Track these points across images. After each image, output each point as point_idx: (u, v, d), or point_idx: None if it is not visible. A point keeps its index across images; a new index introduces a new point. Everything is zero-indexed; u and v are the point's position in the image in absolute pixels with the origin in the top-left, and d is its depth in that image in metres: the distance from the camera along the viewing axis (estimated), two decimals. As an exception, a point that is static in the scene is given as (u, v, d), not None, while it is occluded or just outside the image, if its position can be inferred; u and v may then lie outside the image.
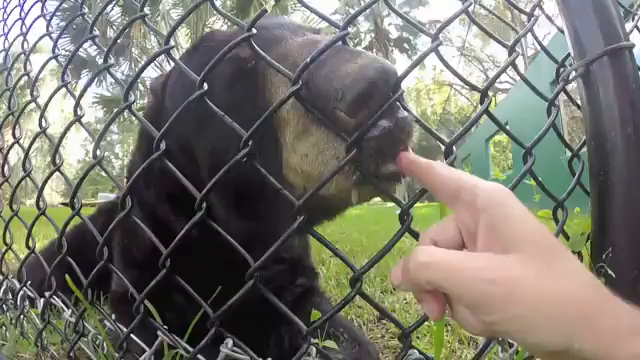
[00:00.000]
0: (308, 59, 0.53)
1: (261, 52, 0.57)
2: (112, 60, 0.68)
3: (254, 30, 0.56)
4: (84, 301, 0.79)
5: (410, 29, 24.26)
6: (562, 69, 0.83)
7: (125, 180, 1.14)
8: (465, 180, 0.45)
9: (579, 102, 0.81)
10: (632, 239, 0.66)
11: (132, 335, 0.76)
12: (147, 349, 0.75)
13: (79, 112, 0.79)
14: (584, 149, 0.80)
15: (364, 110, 0.53)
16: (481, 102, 0.65)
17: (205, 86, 0.57)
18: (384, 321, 1.58)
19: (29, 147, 0.98)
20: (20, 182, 1.04)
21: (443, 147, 0.62)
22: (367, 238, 3.88)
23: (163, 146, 0.59)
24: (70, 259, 0.87)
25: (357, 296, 0.57)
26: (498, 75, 0.71)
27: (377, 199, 0.66)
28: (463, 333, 1.23)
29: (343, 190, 0.59)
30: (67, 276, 0.88)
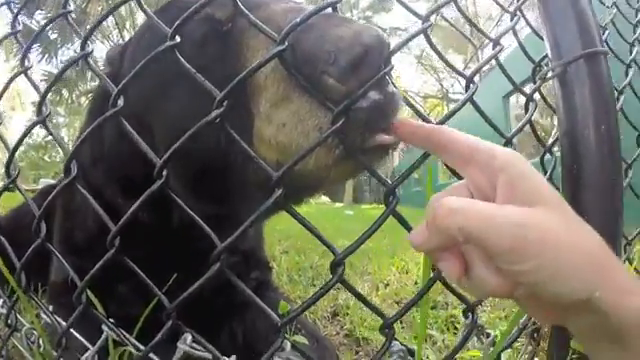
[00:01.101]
0: (298, 19, 0.47)
1: (244, 9, 0.50)
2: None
3: (237, -16, 0.50)
4: (17, 289, 0.69)
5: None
6: (538, 68, 0.85)
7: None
8: (480, 142, 0.45)
9: (547, 100, 0.86)
10: (604, 225, 0.69)
11: (72, 330, 0.67)
12: (90, 347, 0.67)
13: (26, 63, 0.68)
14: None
15: (355, 78, 0.48)
16: (466, 90, 0.64)
17: (177, 38, 0.50)
18: (339, 318, 1.58)
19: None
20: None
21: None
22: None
23: (121, 102, 0.52)
24: (3, 239, 0.77)
25: (311, 293, 0.53)
26: (483, 64, 0.70)
27: (325, 198, 0.62)
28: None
29: (323, 166, 0.54)
30: None
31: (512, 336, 0.73)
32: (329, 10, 0.53)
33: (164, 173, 0.48)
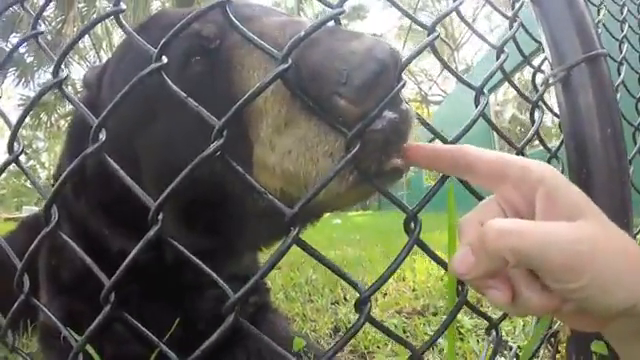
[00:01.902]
0: (302, 33, 0.42)
1: (237, 22, 0.45)
2: (42, 27, 0.53)
3: (229, -5, 0.45)
4: (3, 348, 0.63)
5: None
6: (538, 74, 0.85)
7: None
8: (511, 157, 0.44)
9: (547, 106, 0.85)
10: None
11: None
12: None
13: None
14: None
15: (371, 98, 0.44)
16: (476, 102, 0.62)
17: (164, 59, 0.44)
18: (340, 333, 1.54)
19: None
20: None
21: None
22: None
23: (102, 136, 0.46)
24: None
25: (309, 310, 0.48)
26: (494, 72, 0.67)
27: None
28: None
29: (335, 195, 0.49)
30: None
31: (534, 348, 0.72)
32: (332, 23, 0.49)
33: (159, 217, 0.42)
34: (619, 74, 1.11)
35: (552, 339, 0.78)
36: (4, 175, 0.64)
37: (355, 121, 0.44)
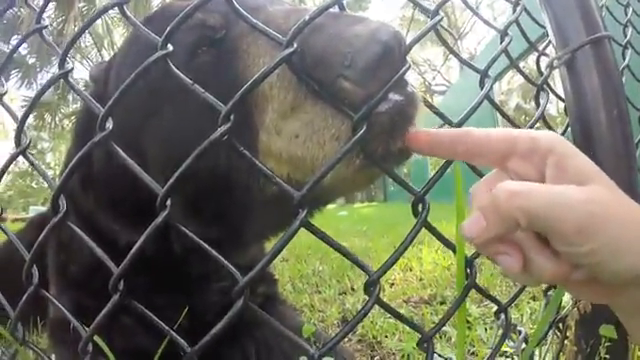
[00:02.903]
0: (306, 17, 0.42)
1: (242, 10, 0.45)
2: (46, 22, 0.53)
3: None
4: (13, 342, 0.63)
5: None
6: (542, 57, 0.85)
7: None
8: (517, 131, 0.44)
9: (552, 90, 0.84)
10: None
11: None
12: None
13: (0, 89, 0.63)
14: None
15: (375, 80, 0.44)
16: (481, 84, 0.62)
17: (170, 47, 0.44)
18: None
19: None
20: None
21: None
22: (316, 239, 3.82)
23: (110, 125, 0.46)
24: None
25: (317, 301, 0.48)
26: (498, 55, 0.67)
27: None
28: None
29: (342, 178, 0.49)
30: None
31: (542, 332, 0.72)
32: (336, 9, 0.49)
33: (168, 203, 0.43)
34: (624, 58, 1.10)
35: (560, 324, 0.79)
36: (10, 177, 0.64)
37: (361, 103, 0.44)
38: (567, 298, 0.77)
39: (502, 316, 0.63)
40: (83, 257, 0.92)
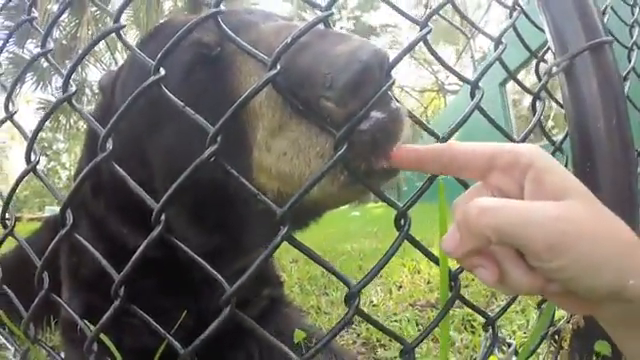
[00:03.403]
0: (288, 39, 0.44)
1: (229, 32, 0.47)
2: (51, 45, 0.56)
3: (222, 7, 0.47)
4: (25, 340, 0.67)
5: (362, 33, 24.49)
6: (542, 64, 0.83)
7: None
8: (499, 145, 0.44)
9: (553, 96, 0.83)
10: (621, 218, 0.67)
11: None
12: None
13: (11, 108, 0.66)
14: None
15: (355, 99, 0.45)
16: (472, 96, 0.62)
17: (162, 71, 0.47)
18: (355, 325, 1.55)
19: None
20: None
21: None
22: (325, 241, 3.83)
23: (110, 145, 0.49)
24: (7, 289, 0.74)
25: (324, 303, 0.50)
26: (490, 66, 0.68)
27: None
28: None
29: (328, 194, 0.51)
30: (2, 313, 0.75)
31: (534, 345, 0.71)
32: (321, 26, 0.50)
33: (162, 219, 0.45)
34: (629, 60, 1.07)
35: (556, 336, 0.78)
36: (26, 177, 0.68)
37: (342, 123, 0.45)
38: (563, 311, 0.76)
39: (489, 329, 0.64)
40: (94, 261, 0.95)
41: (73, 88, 0.54)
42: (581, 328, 0.71)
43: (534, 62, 0.84)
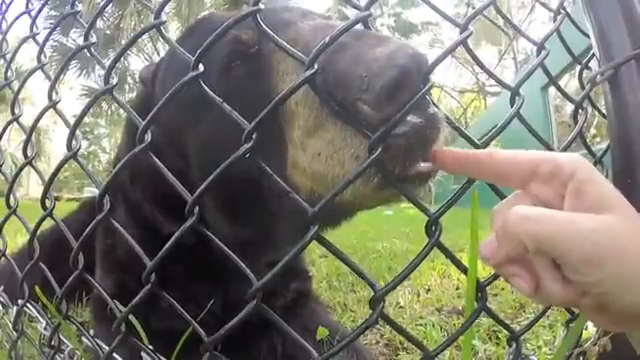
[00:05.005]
0: (327, 39, 0.44)
1: (268, 30, 0.48)
2: (94, 38, 0.59)
3: (261, 5, 0.48)
4: (57, 315, 0.70)
5: (403, 30, 24.26)
6: (586, 71, 0.80)
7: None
8: (541, 154, 0.44)
9: (597, 105, 0.80)
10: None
11: (114, 354, 0.67)
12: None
13: (54, 97, 0.69)
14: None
15: (392, 103, 0.45)
16: (511, 102, 0.60)
17: (201, 67, 0.48)
18: (379, 326, 1.54)
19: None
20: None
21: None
22: (356, 239, 3.82)
23: (148, 138, 0.50)
24: (43, 266, 0.78)
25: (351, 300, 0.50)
26: (530, 73, 0.65)
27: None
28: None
29: (360, 196, 0.51)
30: (37, 288, 0.79)
31: None
32: (360, 26, 0.50)
33: (195, 211, 0.46)
34: None
35: (581, 357, 0.75)
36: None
37: (378, 126, 0.45)
38: (592, 330, 0.74)
39: (514, 344, 0.62)
40: (127, 243, 0.99)
41: (114, 80, 0.56)
42: (607, 352, 0.69)
43: (577, 66, 0.81)
